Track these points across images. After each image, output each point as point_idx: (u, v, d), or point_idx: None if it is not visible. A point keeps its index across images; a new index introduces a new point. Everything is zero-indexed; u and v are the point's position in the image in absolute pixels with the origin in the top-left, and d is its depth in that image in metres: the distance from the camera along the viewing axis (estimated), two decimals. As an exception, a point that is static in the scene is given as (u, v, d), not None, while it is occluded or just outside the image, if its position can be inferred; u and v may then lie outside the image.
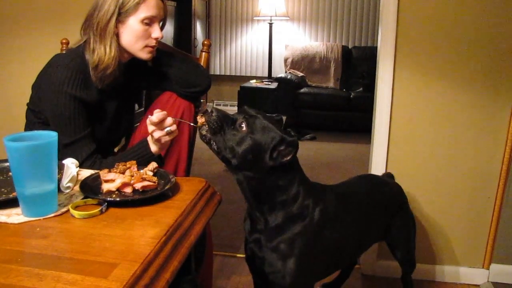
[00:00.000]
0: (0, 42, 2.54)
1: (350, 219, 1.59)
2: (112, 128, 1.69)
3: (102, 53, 1.51)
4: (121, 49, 1.56)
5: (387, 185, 1.87)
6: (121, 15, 1.50)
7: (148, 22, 1.53)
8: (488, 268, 2.25)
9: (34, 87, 1.61)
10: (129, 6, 1.49)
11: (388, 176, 2.02)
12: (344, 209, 1.56)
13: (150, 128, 1.44)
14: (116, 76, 1.57)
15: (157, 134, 1.43)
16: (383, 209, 1.77)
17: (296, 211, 1.40)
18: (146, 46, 1.56)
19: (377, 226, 1.76)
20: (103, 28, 1.50)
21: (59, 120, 1.50)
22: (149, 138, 1.50)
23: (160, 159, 1.56)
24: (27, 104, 1.66)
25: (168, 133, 1.44)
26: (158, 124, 1.43)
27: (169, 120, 1.43)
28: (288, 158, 1.32)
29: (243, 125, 1.31)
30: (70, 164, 1.22)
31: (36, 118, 1.61)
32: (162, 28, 1.65)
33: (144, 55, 1.58)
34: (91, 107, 1.55)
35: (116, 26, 1.52)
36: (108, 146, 1.76)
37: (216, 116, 1.32)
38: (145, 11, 1.50)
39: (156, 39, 1.56)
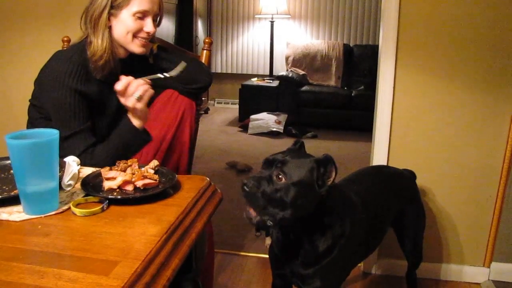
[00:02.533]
0: (2, 40, 2.55)
1: (372, 218, 1.61)
2: (113, 124, 1.69)
3: (96, 45, 1.54)
4: (115, 43, 1.58)
5: (399, 175, 1.91)
6: (113, 8, 1.53)
7: (141, 16, 1.54)
8: (489, 267, 2.25)
9: (36, 82, 1.61)
10: (122, 0, 1.52)
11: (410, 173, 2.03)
12: (367, 210, 1.57)
13: (122, 99, 1.45)
14: (111, 69, 1.57)
15: (130, 102, 1.43)
16: (396, 199, 1.80)
17: (341, 230, 1.40)
18: (137, 38, 1.57)
19: (391, 216, 1.79)
20: (96, 20, 1.54)
21: (59, 112, 1.51)
22: (129, 114, 1.50)
23: (146, 134, 1.56)
24: (30, 100, 1.66)
25: (139, 99, 1.43)
26: (126, 93, 1.43)
27: (133, 84, 1.42)
28: (333, 176, 1.29)
29: (280, 176, 1.25)
30: (72, 161, 1.22)
31: (38, 114, 1.61)
32: (158, 25, 1.65)
33: (135, 48, 1.59)
34: (91, 101, 1.55)
35: (109, 19, 1.54)
36: None
37: (252, 184, 1.25)
38: (137, 5, 1.52)
39: (148, 33, 1.57)
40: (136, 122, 1.49)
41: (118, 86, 1.40)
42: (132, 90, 1.42)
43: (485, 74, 2.06)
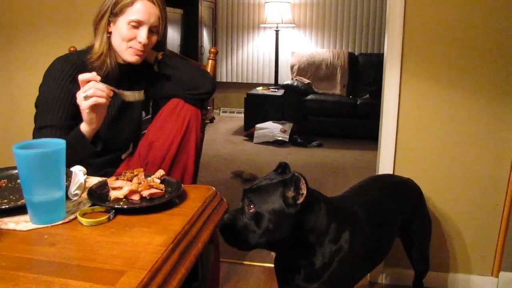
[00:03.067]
0: (8, 50, 2.57)
1: (377, 228, 1.60)
2: (111, 132, 1.70)
3: (95, 47, 1.62)
4: (114, 50, 1.65)
5: (404, 184, 1.90)
6: (112, 14, 1.60)
7: (135, 25, 1.59)
8: (497, 276, 2.23)
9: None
10: (119, 7, 1.58)
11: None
12: (372, 221, 1.57)
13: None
14: (108, 69, 1.63)
15: (78, 97, 1.41)
16: (402, 208, 1.79)
17: (336, 246, 1.39)
18: (131, 47, 1.61)
19: (397, 226, 1.78)
20: (97, 24, 1.63)
21: (42, 102, 1.57)
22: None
23: (91, 144, 1.51)
24: (35, 106, 1.68)
25: (85, 98, 1.38)
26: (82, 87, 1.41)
27: (90, 83, 1.38)
28: (303, 194, 1.27)
29: (251, 205, 1.27)
30: (78, 171, 1.23)
31: None
32: (161, 37, 1.69)
33: (128, 56, 1.63)
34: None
35: (109, 25, 1.62)
36: (113, 151, 1.76)
37: (227, 218, 1.28)
38: (132, 14, 1.57)
39: (140, 43, 1.60)
40: (84, 127, 1.47)
41: (80, 76, 1.40)
42: (87, 87, 1.39)
43: (491, 82, 2.05)
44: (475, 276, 2.25)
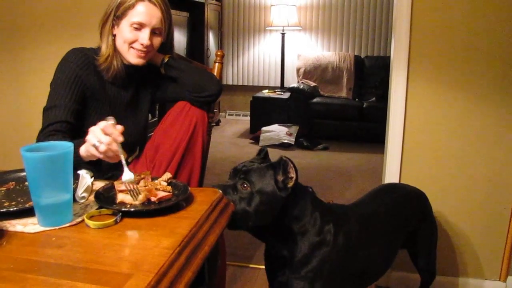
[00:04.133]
0: (16, 52, 2.58)
1: (375, 239, 1.59)
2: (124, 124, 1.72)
3: (102, 49, 1.66)
4: (119, 52, 1.68)
5: (410, 194, 1.87)
6: (116, 17, 1.63)
7: (137, 27, 1.61)
8: (505, 281, 2.21)
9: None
10: (122, 10, 1.61)
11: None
12: (368, 229, 1.56)
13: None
14: (116, 70, 1.66)
15: (90, 139, 1.24)
16: (406, 220, 1.77)
17: (318, 238, 1.40)
18: (133, 49, 1.64)
19: (401, 238, 1.76)
20: (103, 27, 1.67)
21: (53, 85, 1.59)
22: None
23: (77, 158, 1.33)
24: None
25: (94, 146, 1.22)
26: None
27: (106, 140, 1.21)
28: (293, 178, 1.33)
29: (245, 185, 1.32)
30: (85, 174, 1.23)
31: None
32: (166, 40, 1.72)
33: (131, 58, 1.66)
34: (87, 94, 1.62)
35: (113, 27, 1.65)
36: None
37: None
38: (134, 16, 1.60)
39: (142, 45, 1.62)
40: (82, 150, 1.31)
41: (103, 125, 1.23)
42: (104, 139, 1.21)
43: (498, 85, 2.04)
44: (483, 281, 2.24)
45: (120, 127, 1.23)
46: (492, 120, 2.08)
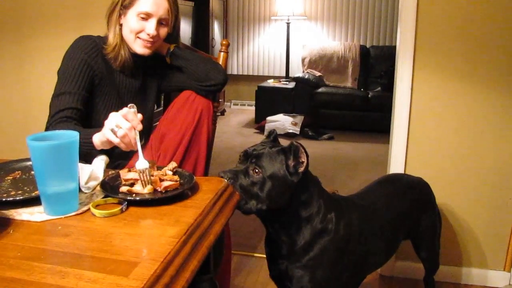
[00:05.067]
0: (22, 44, 2.58)
1: (376, 229, 1.58)
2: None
3: (109, 39, 1.66)
4: (125, 41, 1.68)
5: (413, 185, 1.86)
6: (123, 7, 1.64)
7: (144, 17, 1.62)
8: (509, 271, 2.22)
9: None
10: (129, 0, 1.62)
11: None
12: (369, 220, 1.56)
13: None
14: (124, 59, 1.67)
15: (108, 124, 1.25)
16: (409, 211, 1.76)
17: (321, 225, 1.40)
18: (139, 39, 1.65)
19: (403, 229, 1.75)
20: (110, 16, 1.67)
21: (62, 72, 1.59)
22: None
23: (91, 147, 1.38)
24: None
25: (112, 131, 1.24)
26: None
27: (125, 125, 1.22)
28: (304, 163, 1.34)
29: (257, 170, 1.32)
30: (100, 160, 1.23)
31: None
32: (172, 31, 1.73)
33: (137, 48, 1.67)
34: (96, 81, 1.63)
35: (120, 17, 1.65)
36: None
37: (229, 179, 1.31)
38: (141, 6, 1.61)
39: (148, 35, 1.63)
40: (96, 142, 1.36)
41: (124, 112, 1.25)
42: (123, 124, 1.23)
43: (505, 76, 2.03)
44: (487, 271, 2.24)
45: (140, 116, 1.25)
46: (498, 111, 2.07)
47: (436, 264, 1.96)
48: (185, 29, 5.23)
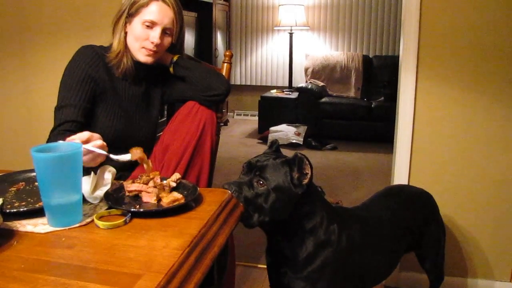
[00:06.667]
0: (24, 54, 2.60)
1: (378, 242, 1.57)
2: (131, 129, 1.72)
3: (113, 46, 1.69)
4: (129, 49, 1.70)
5: (416, 196, 1.85)
6: (129, 15, 1.66)
7: (149, 25, 1.64)
8: (515, 282, 2.20)
9: None
10: (135, 8, 1.64)
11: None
12: (371, 232, 1.55)
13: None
14: (126, 67, 1.68)
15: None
16: (412, 224, 1.75)
17: (324, 237, 1.39)
18: (143, 48, 1.66)
19: (406, 241, 1.74)
20: (115, 24, 1.69)
21: (64, 83, 1.61)
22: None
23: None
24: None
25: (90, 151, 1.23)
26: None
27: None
28: (308, 175, 1.33)
29: (261, 182, 1.32)
30: (107, 172, 1.23)
31: None
32: (176, 41, 1.74)
33: (141, 57, 1.68)
34: (98, 91, 1.63)
35: (126, 25, 1.67)
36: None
37: (234, 191, 1.30)
38: (147, 14, 1.63)
39: (153, 43, 1.64)
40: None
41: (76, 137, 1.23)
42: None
43: (507, 86, 2.03)
44: (493, 282, 2.23)
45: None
46: (503, 122, 2.06)
47: (441, 275, 1.94)
48: (188, 39, 5.25)
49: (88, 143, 1.22)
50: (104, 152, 1.24)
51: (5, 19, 2.58)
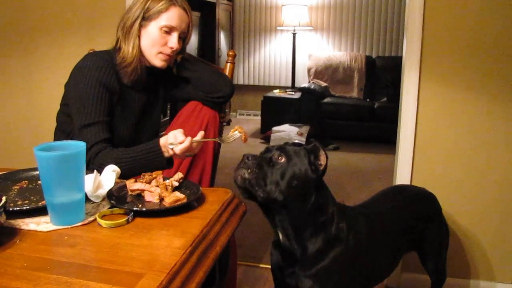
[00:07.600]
0: (27, 54, 2.60)
1: (382, 241, 1.57)
2: (135, 132, 1.72)
3: (126, 52, 1.61)
4: (142, 53, 1.64)
5: (418, 196, 1.85)
6: (144, 19, 1.60)
7: (167, 30, 1.60)
8: (517, 283, 2.20)
9: (66, 84, 1.66)
10: (152, 12, 1.59)
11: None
12: (375, 231, 1.55)
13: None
14: (139, 74, 1.64)
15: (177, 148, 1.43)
16: (415, 223, 1.75)
17: (334, 233, 1.39)
18: (161, 53, 1.62)
19: (407, 241, 1.74)
20: (128, 29, 1.61)
21: (81, 101, 1.54)
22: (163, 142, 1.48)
23: (169, 164, 1.53)
24: (60, 105, 1.70)
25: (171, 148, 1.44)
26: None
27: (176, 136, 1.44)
28: (324, 162, 1.35)
29: (281, 156, 1.31)
30: (111, 171, 1.24)
31: (66, 117, 1.65)
32: (184, 43, 1.71)
33: (157, 62, 1.64)
34: (113, 100, 1.60)
35: (140, 29, 1.61)
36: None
37: (251, 159, 1.29)
38: (165, 19, 1.59)
39: (171, 48, 1.61)
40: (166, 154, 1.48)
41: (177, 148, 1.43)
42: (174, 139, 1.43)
43: (510, 87, 2.02)
44: (495, 283, 2.22)
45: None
46: (504, 121, 2.06)
47: (443, 276, 1.94)
48: (192, 39, 5.24)
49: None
50: (216, 139, 1.61)
51: (8, 18, 2.59)
